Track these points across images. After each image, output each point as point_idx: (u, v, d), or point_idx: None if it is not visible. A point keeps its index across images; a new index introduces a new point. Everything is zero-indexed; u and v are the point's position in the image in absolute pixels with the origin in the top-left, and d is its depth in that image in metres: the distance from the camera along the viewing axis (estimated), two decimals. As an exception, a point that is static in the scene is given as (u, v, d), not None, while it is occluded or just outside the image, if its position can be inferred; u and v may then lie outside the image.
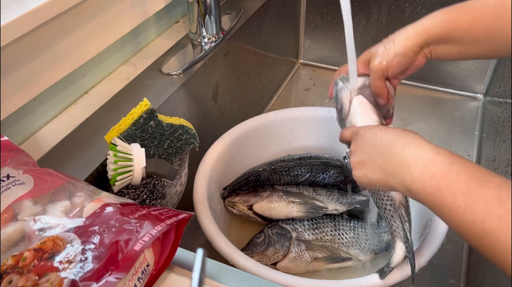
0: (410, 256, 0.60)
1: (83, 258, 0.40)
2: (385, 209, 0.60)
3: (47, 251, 0.40)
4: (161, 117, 0.64)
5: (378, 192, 0.60)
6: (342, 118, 0.64)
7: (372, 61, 0.59)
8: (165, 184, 0.63)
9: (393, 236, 0.61)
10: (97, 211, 0.45)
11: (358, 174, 0.54)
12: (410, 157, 0.47)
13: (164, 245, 0.47)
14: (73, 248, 0.40)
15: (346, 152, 0.61)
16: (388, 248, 0.76)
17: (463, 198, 0.41)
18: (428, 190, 0.44)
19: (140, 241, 0.41)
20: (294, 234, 0.76)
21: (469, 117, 1.20)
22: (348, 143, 0.60)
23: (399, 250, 0.60)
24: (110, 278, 0.38)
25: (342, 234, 0.77)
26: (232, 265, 0.60)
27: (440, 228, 0.65)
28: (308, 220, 0.78)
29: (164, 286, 0.46)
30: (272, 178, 0.83)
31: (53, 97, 0.70)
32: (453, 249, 0.92)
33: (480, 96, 1.25)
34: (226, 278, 0.47)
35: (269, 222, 0.80)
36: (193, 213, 0.53)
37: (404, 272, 0.60)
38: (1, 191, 0.44)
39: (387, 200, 0.60)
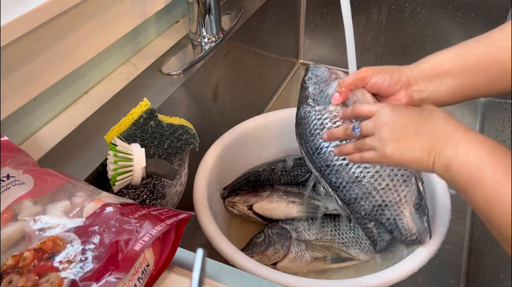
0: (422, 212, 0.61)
1: (83, 258, 0.40)
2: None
3: (47, 251, 0.40)
4: (161, 117, 0.64)
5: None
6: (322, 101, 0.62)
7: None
8: (165, 184, 0.63)
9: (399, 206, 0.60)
10: (97, 211, 0.45)
11: (394, 151, 0.52)
12: (459, 137, 0.48)
13: (164, 245, 0.47)
14: (73, 248, 0.40)
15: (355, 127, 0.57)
16: (388, 247, 0.76)
17: (504, 173, 0.43)
18: (470, 166, 0.45)
19: (140, 241, 0.41)
20: (294, 234, 0.76)
21: (469, 117, 1.20)
22: (356, 118, 0.58)
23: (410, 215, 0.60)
24: (110, 278, 0.38)
25: (342, 234, 0.77)
26: (232, 265, 0.60)
27: (440, 228, 0.65)
28: (308, 220, 0.78)
29: (164, 286, 0.46)
30: (272, 178, 0.83)
31: (53, 97, 0.70)
32: (453, 249, 0.92)
33: (480, 96, 1.25)
34: (226, 278, 0.47)
35: (269, 222, 0.80)
36: (193, 213, 0.53)
37: (403, 272, 0.60)
38: (1, 191, 0.44)
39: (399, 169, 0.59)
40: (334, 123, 0.60)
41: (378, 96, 0.60)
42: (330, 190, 0.62)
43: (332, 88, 0.61)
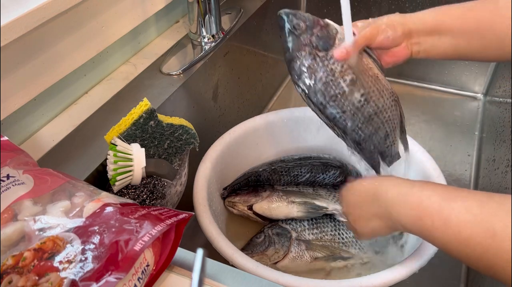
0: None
1: (83, 258, 0.40)
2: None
3: (47, 251, 0.40)
4: (161, 117, 0.64)
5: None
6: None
7: (363, 26, 0.59)
8: (165, 184, 0.63)
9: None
10: (97, 211, 0.45)
11: (361, 230, 0.59)
12: (393, 198, 0.52)
13: (164, 245, 0.47)
14: (73, 248, 0.40)
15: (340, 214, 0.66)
16: (388, 247, 0.76)
17: (438, 217, 0.45)
18: (413, 221, 0.49)
19: (140, 241, 0.41)
20: (294, 234, 0.76)
21: (469, 117, 1.20)
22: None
23: None
24: (110, 278, 0.38)
25: (342, 233, 0.77)
26: (232, 265, 0.60)
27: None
28: (308, 220, 0.78)
29: (164, 286, 0.46)
30: (272, 178, 0.83)
31: (53, 97, 0.70)
32: (453, 249, 0.92)
33: (480, 96, 1.25)
34: (226, 278, 0.47)
35: (269, 222, 0.80)
36: (193, 213, 0.53)
37: (403, 272, 0.60)
38: (1, 191, 0.44)
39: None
40: (343, 66, 0.58)
41: (380, 50, 0.61)
42: (343, 135, 0.63)
43: (332, 31, 0.59)
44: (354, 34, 0.57)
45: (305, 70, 0.59)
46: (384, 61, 0.61)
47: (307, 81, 0.59)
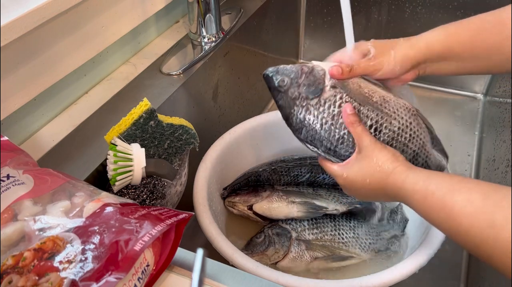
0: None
1: (83, 258, 0.40)
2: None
3: (47, 251, 0.40)
4: (161, 117, 0.64)
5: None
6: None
7: (368, 58, 0.58)
8: (165, 184, 0.63)
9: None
10: (97, 211, 0.45)
11: (361, 199, 0.62)
12: (399, 195, 0.53)
13: (164, 245, 0.47)
14: (73, 248, 0.40)
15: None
16: (388, 246, 0.76)
17: (443, 212, 0.46)
18: (422, 214, 0.51)
19: (140, 241, 0.41)
20: (294, 234, 0.76)
21: (469, 117, 1.20)
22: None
23: None
24: (110, 278, 0.38)
25: (342, 234, 0.77)
26: (232, 265, 0.60)
27: (440, 228, 0.65)
28: (308, 220, 0.78)
29: (164, 286, 0.46)
30: (272, 179, 0.83)
31: (53, 97, 0.70)
32: (453, 249, 0.92)
33: (480, 96, 1.25)
34: (226, 278, 0.47)
35: (269, 222, 0.80)
36: (193, 213, 0.53)
37: (403, 272, 0.60)
38: (1, 191, 0.44)
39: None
40: (340, 105, 0.56)
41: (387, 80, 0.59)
42: None
43: (319, 73, 0.57)
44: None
45: (303, 124, 0.57)
46: (389, 84, 0.61)
47: (308, 134, 0.58)
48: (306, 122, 0.57)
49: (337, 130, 0.56)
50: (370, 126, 0.57)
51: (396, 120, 0.58)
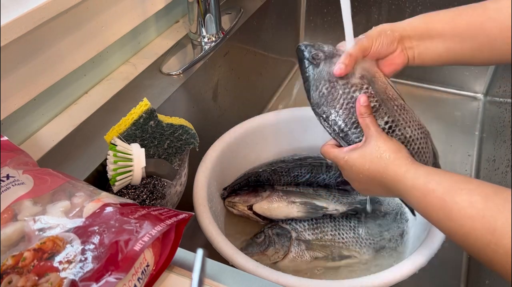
0: None
1: (83, 258, 0.40)
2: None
3: (47, 251, 0.40)
4: (161, 117, 0.64)
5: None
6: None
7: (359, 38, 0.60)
8: (165, 184, 0.63)
9: None
10: (97, 211, 0.44)
11: (361, 193, 0.61)
12: (399, 190, 0.53)
13: (164, 245, 0.47)
14: (73, 248, 0.40)
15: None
16: (388, 246, 0.76)
17: (442, 212, 0.46)
18: (420, 211, 0.51)
19: (140, 241, 0.41)
20: (294, 234, 0.76)
21: (469, 117, 1.20)
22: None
23: None
24: (110, 278, 0.38)
25: (342, 234, 0.77)
26: (232, 265, 0.60)
27: (440, 228, 0.65)
28: (308, 220, 0.78)
29: (164, 286, 0.46)
30: (272, 179, 0.83)
31: (53, 97, 0.70)
32: (453, 249, 0.92)
33: (480, 96, 1.25)
34: (226, 278, 0.47)
35: (269, 222, 0.80)
36: (193, 213, 0.53)
37: (403, 272, 0.60)
38: (1, 191, 0.44)
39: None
40: (367, 89, 0.58)
41: (378, 61, 0.61)
42: None
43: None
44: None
45: (326, 99, 0.59)
46: (384, 72, 0.61)
47: (327, 109, 0.59)
48: (330, 97, 0.59)
49: (355, 114, 0.58)
50: (386, 122, 0.58)
51: (410, 129, 0.59)
